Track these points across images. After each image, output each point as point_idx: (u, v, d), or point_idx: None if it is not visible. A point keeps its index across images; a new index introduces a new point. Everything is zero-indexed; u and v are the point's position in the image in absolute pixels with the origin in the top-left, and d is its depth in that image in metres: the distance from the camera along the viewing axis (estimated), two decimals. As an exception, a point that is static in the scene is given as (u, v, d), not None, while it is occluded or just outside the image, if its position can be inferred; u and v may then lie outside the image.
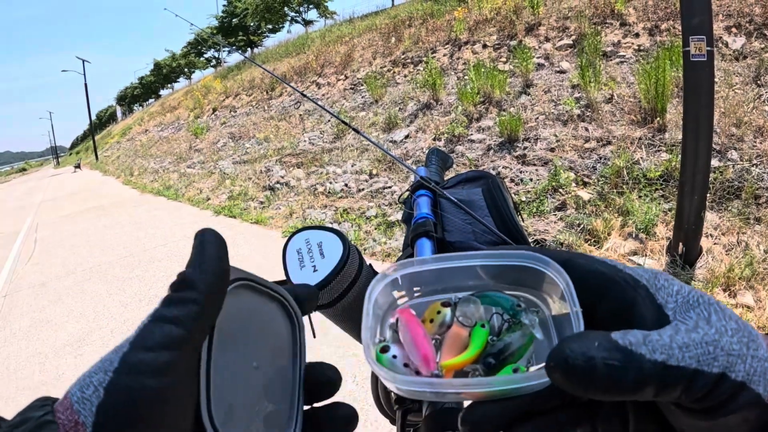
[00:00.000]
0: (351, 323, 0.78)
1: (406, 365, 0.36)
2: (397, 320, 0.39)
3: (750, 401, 0.27)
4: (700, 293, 0.31)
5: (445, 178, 1.20)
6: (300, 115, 11.76)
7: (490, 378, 0.34)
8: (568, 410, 0.34)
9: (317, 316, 0.69)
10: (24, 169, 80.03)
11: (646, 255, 3.92)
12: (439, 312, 0.39)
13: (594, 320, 0.33)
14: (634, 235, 4.14)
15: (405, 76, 10.18)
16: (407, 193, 1.09)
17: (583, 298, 0.33)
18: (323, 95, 11.98)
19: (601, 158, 5.20)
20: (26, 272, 6.92)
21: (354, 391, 2.93)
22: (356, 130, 1.35)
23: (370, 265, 0.79)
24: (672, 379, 0.26)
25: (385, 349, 0.37)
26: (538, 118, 6.36)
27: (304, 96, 1.63)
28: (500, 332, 0.37)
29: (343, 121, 1.32)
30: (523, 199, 5.15)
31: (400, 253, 0.95)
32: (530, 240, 4.58)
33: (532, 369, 0.36)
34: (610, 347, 0.27)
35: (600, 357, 0.26)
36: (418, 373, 0.36)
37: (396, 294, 0.42)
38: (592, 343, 0.27)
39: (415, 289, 0.43)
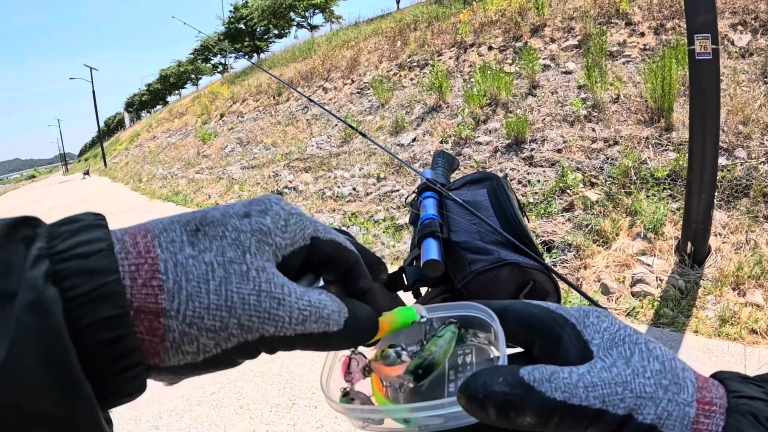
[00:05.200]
0: None
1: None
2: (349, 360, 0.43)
3: None
4: (631, 332, 0.32)
5: (451, 180, 1.22)
6: (307, 119, 11.80)
7: (412, 405, 0.36)
8: None
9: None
10: (33, 176, 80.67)
11: (654, 255, 3.91)
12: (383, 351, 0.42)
13: (532, 357, 0.36)
14: (642, 235, 4.13)
15: (411, 79, 10.20)
16: (414, 195, 1.11)
17: (523, 339, 0.36)
18: (330, 100, 12.01)
19: (608, 158, 5.19)
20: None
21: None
22: (363, 134, 1.37)
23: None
24: (573, 416, 0.28)
25: (346, 395, 0.41)
26: (544, 119, 6.36)
27: (311, 101, 1.65)
28: (423, 344, 0.41)
29: (351, 126, 1.34)
30: (531, 200, 5.15)
31: (407, 255, 0.97)
32: (538, 241, 4.58)
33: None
34: (513, 383, 0.29)
35: (500, 391, 0.28)
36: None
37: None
38: (496, 378, 0.29)
39: None
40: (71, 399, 0.24)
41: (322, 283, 0.37)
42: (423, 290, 0.97)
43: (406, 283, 0.90)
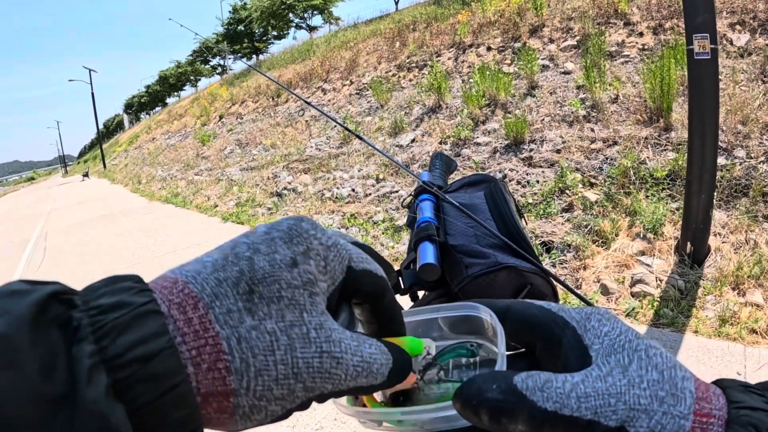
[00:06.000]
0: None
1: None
2: None
3: None
4: (632, 337, 0.32)
5: (449, 182, 1.21)
6: (306, 121, 11.80)
7: (419, 407, 0.37)
8: None
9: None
10: (32, 178, 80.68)
11: (654, 255, 3.90)
12: None
13: (535, 358, 0.36)
14: (641, 236, 4.13)
15: (410, 80, 10.20)
16: (411, 197, 1.10)
17: (525, 339, 0.36)
18: (329, 101, 12.01)
19: (607, 159, 5.19)
20: (37, 281, 6.95)
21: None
22: (359, 137, 1.36)
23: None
24: (564, 427, 0.28)
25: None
26: (543, 119, 6.36)
27: (308, 103, 1.65)
28: (437, 380, 0.41)
29: (346, 128, 1.33)
30: (530, 201, 5.14)
31: (405, 257, 0.96)
32: (537, 242, 4.57)
33: None
34: (506, 390, 0.29)
35: (493, 398, 0.29)
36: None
37: None
38: (490, 385, 0.29)
39: None
40: None
41: (358, 326, 0.38)
42: (420, 294, 0.97)
43: (402, 286, 0.89)
